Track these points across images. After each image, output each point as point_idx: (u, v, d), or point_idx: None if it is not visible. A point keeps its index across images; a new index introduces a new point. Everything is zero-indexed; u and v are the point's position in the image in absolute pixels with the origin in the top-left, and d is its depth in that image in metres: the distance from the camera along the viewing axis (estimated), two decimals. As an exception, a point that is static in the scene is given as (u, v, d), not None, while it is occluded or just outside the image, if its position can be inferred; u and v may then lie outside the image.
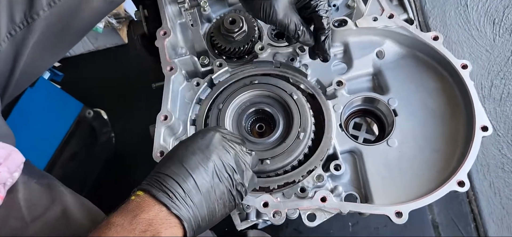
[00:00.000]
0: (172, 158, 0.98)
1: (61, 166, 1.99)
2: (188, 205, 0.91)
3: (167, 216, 0.88)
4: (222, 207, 0.98)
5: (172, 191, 0.90)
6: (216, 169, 0.97)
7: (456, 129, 1.25)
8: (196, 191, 0.93)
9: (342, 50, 1.40)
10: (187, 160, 0.95)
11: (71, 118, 1.95)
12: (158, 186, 0.91)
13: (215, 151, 0.98)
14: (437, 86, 1.32)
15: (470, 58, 2.26)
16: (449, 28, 2.34)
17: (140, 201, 0.89)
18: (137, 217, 0.85)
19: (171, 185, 0.91)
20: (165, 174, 0.93)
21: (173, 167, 0.94)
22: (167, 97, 1.26)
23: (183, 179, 0.92)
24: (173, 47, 1.38)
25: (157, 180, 0.92)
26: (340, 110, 1.31)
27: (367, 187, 1.22)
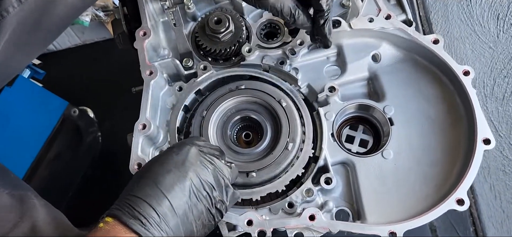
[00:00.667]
0: (145, 177, 0.90)
1: (46, 166, 1.93)
2: (163, 230, 0.84)
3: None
4: (200, 227, 0.92)
5: (145, 217, 0.83)
6: (193, 187, 0.90)
7: (456, 141, 1.17)
8: (172, 214, 0.86)
9: (336, 52, 1.30)
10: (161, 180, 0.88)
11: (55, 118, 1.87)
12: (130, 211, 0.84)
13: (191, 168, 0.92)
14: (436, 93, 1.23)
15: (473, 55, 2.18)
16: (451, 23, 2.25)
17: (109, 228, 0.82)
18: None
19: (144, 210, 0.84)
20: (138, 196, 0.86)
21: (147, 189, 0.87)
22: (146, 104, 1.17)
23: (158, 202, 0.85)
24: (154, 48, 1.29)
25: (128, 204, 0.85)
26: (332, 118, 1.22)
27: (360, 202, 1.14)
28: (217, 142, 1.20)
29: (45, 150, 1.89)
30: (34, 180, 1.86)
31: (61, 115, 1.89)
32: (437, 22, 2.34)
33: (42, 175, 1.91)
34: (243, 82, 1.26)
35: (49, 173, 1.91)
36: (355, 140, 1.26)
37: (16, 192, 1.12)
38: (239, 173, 1.14)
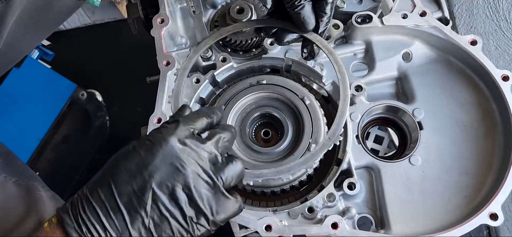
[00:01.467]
0: (104, 175, 0.72)
1: (52, 148, 1.89)
2: None
3: None
4: None
5: (88, 226, 0.68)
6: (156, 198, 0.70)
7: (491, 150, 1.10)
8: (122, 228, 0.69)
9: (364, 49, 1.23)
10: (119, 184, 0.70)
11: (62, 100, 1.82)
12: (74, 215, 0.70)
13: (159, 171, 0.70)
14: (471, 98, 1.15)
15: (496, 52, 2.11)
16: (475, 18, 2.17)
17: (50, 231, 0.71)
18: None
19: (90, 217, 0.69)
20: (89, 198, 0.70)
21: (100, 191, 0.70)
22: (162, 96, 1.11)
23: (109, 212, 0.69)
24: (172, 36, 1.22)
25: (77, 205, 0.71)
26: (357, 119, 1.15)
27: (384, 210, 1.08)
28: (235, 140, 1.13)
29: (52, 132, 1.85)
30: (40, 162, 1.82)
31: (69, 97, 1.84)
32: (460, 16, 2.25)
33: (49, 158, 1.87)
34: (264, 77, 1.18)
35: (55, 156, 1.87)
36: (371, 136, 1.19)
37: (23, 181, 1.08)
38: (258, 174, 1.08)
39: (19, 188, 1.06)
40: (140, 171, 0.71)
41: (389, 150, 1.38)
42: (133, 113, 2.04)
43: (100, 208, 0.69)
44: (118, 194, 0.70)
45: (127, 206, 0.70)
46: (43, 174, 1.82)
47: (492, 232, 2.20)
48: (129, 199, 0.70)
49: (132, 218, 0.69)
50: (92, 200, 0.70)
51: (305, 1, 0.94)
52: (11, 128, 1.72)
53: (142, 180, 0.70)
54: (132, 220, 0.69)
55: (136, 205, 0.70)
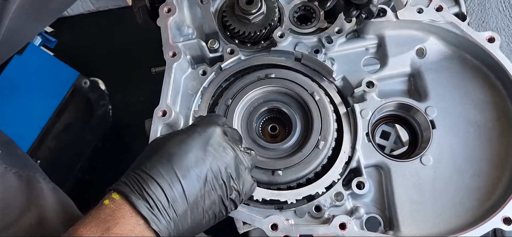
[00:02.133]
0: (160, 153, 0.81)
1: (54, 137, 1.86)
2: (170, 217, 0.77)
3: (144, 230, 0.75)
4: (211, 217, 0.85)
5: (154, 200, 0.76)
6: (210, 175, 0.82)
7: (505, 152, 1.06)
8: (182, 201, 0.78)
9: (376, 44, 1.19)
10: (178, 161, 0.80)
11: (65, 88, 1.79)
12: (139, 191, 0.76)
13: (212, 153, 0.83)
14: (486, 97, 1.11)
15: (508, 48, 2.06)
16: (487, 12, 2.11)
17: (115, 208, 0.75)
18: (109, 231, 0.72)
19: (154, 192, 0.76)
20: (149, 175, 0.78)
21: (160, 167, 0.79)
22: (167, 89, 1.07)
23: (170, 185, 0.78)
24: (178, 26, 1.18)
25: (138, 181, 0.77)
26: (368, 116, 1.12)
27: (393, 210, 1.05)
28: (241, 134, 1.10)
29: (54, 120, 1.82)
30: (42, 150, 1.80)
31: (71, 85, 1.80)
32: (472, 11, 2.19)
33: (50, 146, 1.84)
34: (273, 71, 1.15)
35: (57, 145, 1.84)
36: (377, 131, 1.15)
37: (24, 172, 1.05)
38: (264, 170, 1.06)
39: (20, 179, 1.04)
40: (199, 158, 0.82)
41: (396, 146, 1.35)
42: (136, 102, 2.01)
43: (163, 185, 0.77)
44: (181, 174, 0.79)
45: (187, 185, 0.79)
46: (45, 163, 1.80)
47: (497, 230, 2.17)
48: (190, 179, 0.79)
49: (191, 198, 0.79)
50: (154, 177, 0.77)
51: None
52: (12, 116, 1.69)
53: (201, 163, 0.81)
54: (190, 197, 0.79)
55: (196, 188, 0.80)
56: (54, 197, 1.04)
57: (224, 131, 0.88)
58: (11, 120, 1.68)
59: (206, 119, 0.90)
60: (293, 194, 1.03)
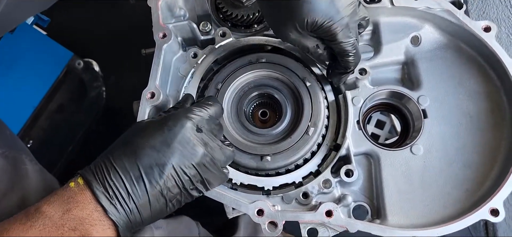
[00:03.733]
0: (129, 146, 0.83)
1: (47, 117, 1.84)
2: (130, 209, 0.79)
3: (101, 217, 0.78)
4: (174, 205, 0.86)
5: (114, 191, 0.79)
6: (173, 172, 0.83)
7: (497, 144, 1.05)
8: (143, 194, 0.81)
9: (371, 30, 1.17)
10: (142, 157, 0.81)
11: (58, 68, 1.76)
12: (101, 179, 0.79)
13: (179, 150, 0.83)
14: (480, 88, 1.10)
15: (507, 40, 2.04)
16: (488, 3, 2.09)
17: (78, 192, 0.79)
18: (69, 212, 0.77)
19: (115, 182, 0.79)
20: (114, 166, 0.80)
21: (125, 160, 0.81)
22: (156, 70, 1.06)
23: (132, 179, 0.80)
24: (170, 7, 1.16)
25: (102, 170, 0.80)
26: (359, 103, 1.10)
27: (381, 199, 1.04)
28: (231, 119, 1.09)
29: (47, 101, 1.80)
30: (34, 130, 1.79)
31: (64, 66, 1.78)
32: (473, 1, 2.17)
33: (43, 126, 1.83)
34: (265, 55, 1.13)
35: (49, 125, 1.83)
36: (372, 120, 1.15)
37: (10, 153, 1.04)
38: (253, 155, 1.05)
39: (6, 160, 1.03)
40: (162, 148, 0.82)
41: (390, 135, 1.34)
42: (130, 85, 1.98)
43: (125, 175, 0.79)
44: (142, 166, 0.80)
45: (149, 177, 0.80)
46: (37, 143, 1.79)
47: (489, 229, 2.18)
48: (152, 171, 0.80)
49: (152, 187, 0.80)
50: (117, 167, 0.79)
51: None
52: (4, 95, 1.67)
53: (164, 156, 0.82)
54: (152, 189, 0.81)
55: (157, 177, 0.81)
56: (40, 179, 1.03)
57: (197, 125, 0.87)
58: (3, 99, 1.67)
59: (178, 113, 0.88)
60: (270, 181, 1.02)
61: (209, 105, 0.92)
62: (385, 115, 1.31)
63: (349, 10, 0.91)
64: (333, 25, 0.90)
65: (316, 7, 0.88)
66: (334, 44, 0.95)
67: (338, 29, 0.91)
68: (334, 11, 0.89)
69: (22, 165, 1.01)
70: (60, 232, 0.75)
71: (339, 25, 0.91)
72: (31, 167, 1.02)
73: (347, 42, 0.94)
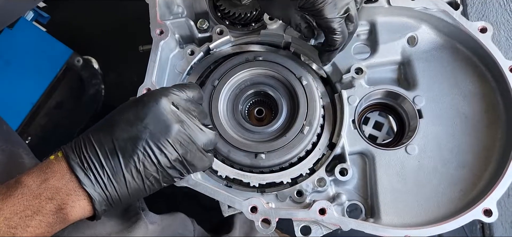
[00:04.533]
0: (106, 121, 0.84)
1: (45, 114, 1.85)
2: (105, 182, 0.80)
3: (76, 188, 0.80)
4: (152, 183, 0.85)
5: (89, 164, 0.80)
6: (147, 147, 0.82)
7: (491, 145, 1.05)
8: (116, 168, 0.81)
9: (367, 30, 1.17)
10: (117, 131, 0.82)
11: (57, 65, 1.77)
12: (78, 153, 0.80)
13: (152, 125, 0.83)
14: (475, 89, 1.10)
15: (506, 43, 2.05)
16: (488, 6, 2.09)
17: (56, 163, 0.80)
18: (47, 182, 0.79)
19: (91, 156, 0.80)
20: (91, 140, 0.81)
21: (102, 136, 0.82)
22: (153, 66, 1.07)
23: (107, 154, 0.81)
24: (168, 4, 1.17)
25: (80, 144, 0.81)
26: (355, 103, 1.11)
27: (375, 198, 1.05)
28: (227, 116, 1.09)
29: (46, 98, 1.81)
30: (32, 127, 1.79)
31: (64, 63, 1.79)
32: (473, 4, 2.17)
33: (41, 123, 1.84)
34: (262, 53, 1.14)
35: (48, 122, 1.83)
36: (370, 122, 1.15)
37: (7, 147, 1.04)
38: (247, 153, 1.05)
39: (3, 154, 1.03)
40: (136, 122, 0.82)
41: (388, 137, 1.34)
42: (129, 82, 1.99)
43: (99, 148, 0.80)
44: (116, 139, 0.81)
45: (122, 151, 0.81)
46: (35, 139, 1.80)
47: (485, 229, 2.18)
48: (125, 145, 0.81)
49: (126, 161, 0.81)
50: (93, 140, 0.81)
51: None
52: (3, 91, 1.68)
53: (136, 130, 0.82)
54: (126, 163, 0.81)
55: (130, 151, 0.81)
56: None
57: (172, 101, 0.86)
58: (1, 95, 1.68)
59: (155, 90, 0.89)
60: (257, 178, 1.03)
61: (187, 87, 0.92)
62: (383, 116, 1.32)
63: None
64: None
65: None
66: (320, 19, 0.97)
67: (324, 4, 0.94)
68: None
69: (19, 159, 1.02)
70: (37, 201, 0.76)
71: (326, 1, 0.93)
72: (28, 161, 1.03)
73: (333, 19, 0.96)
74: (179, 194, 1.84)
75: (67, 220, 0.80)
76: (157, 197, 1.74)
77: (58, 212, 0.78)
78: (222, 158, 1.06)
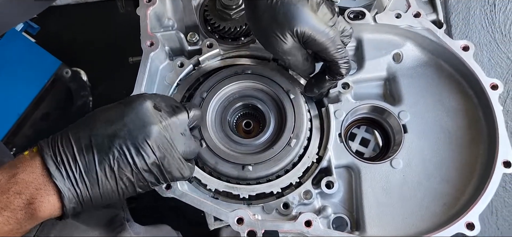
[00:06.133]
0: (87, 118, 0.83)
1: (31, 125, 1.84)
2: (76, 178, 0.77)
3: (47, 182, 0.77)
4: (126, 186, 0.82)
5: (62, 158, 0.77)
6: (124, 146, 0.79)
7: (474, 160, 1.08)
8: (91, 166, 0.78)
9: (354, 46, 1.20)
10: (96, 128, 0.80)
11: (45, 76, 1.77)
12: (53, 146, 0.78)
13: (131, 124, 0.81)
14: (458, 105, 1.13)
15: (489, 63, 2.12)
16: (471, 27, 2.17)
17: (29, 159, 0.78)
18: (16, 176, 0.76)
19: (65, 150, 0.78)
20: (68, 135, 0.80)
21: (80, 130, 0.80)
22: (142, 77, 1.07)
23: (82, 149, 0.78)
24: (159, 17, 1.18)
25: (56, 139, 0.80)
26: (342, 117, 1.12)
27: (361, 211, 1.05)
28: (215, 128, 1.10)
29: (33, 109, 1.80)
30: (18, 138, 1.78)
31: (52, 74, 1.78)
32: (457, 25, 2.25)
33: (27, 134, 1.82)
34: (250, 66, 1.15)
35: (34, 133, 1.82)
36: (356, 138, 1.18)
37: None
38: (234, 164, 1.05)
39: None
40: (116, 120, 0.81)
41: (374, 153, 1.36)
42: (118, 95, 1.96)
43: (75, 143, 0.78)
44: (93, 136, 0.79)
45: (98, 147, 0.78)
46: (20, 151, 1.76)
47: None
48: (102, 141, 0.79)
49: (100, 158, 0.78)
50: (70, 135, 0.79)
51: None
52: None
53: (115, 127, 0.80)
54: (100, 160, 0.78)
55: (106, 148, 0.79)
56: None
57: (155, 103, 0.85)
58: (-12, 104, 1.66)
59: (142, 94, 0.89)
60: (246, 189, 1.03)
61: (175, 102, 0.92)
62: (370, 133, 1.34)
63: (331, 22, 0.95)
64: (322, 38, 0.94)
65: (303, 19, 0.92)
66: (326, 54, 0.98)
67: (328, 42, 0.95)
68: (320, 23, 0.93)
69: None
70: (6, 196, 0.74)
71: (327, 38, 0.95)
72: None
73: (339, 53, 0.98)
74: (165, 208, 1.82)
75: (36, 216, 0.77)
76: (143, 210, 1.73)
77: (27, 208, 0.75)
78: (209, 170, 1.06)
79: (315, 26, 0.93)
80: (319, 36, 0.94)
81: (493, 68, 2.08)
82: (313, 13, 0.92)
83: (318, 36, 0.94)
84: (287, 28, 0.93)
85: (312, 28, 0.93)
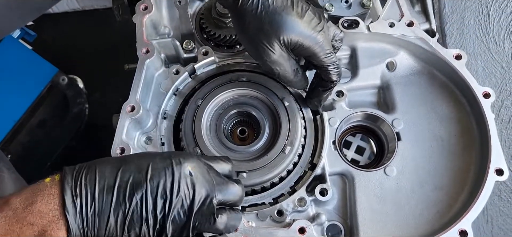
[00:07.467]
0: (121, 159, 0.80)
1: (28, 132, 1.84)
2: (88, 218, 0.73)
3: (59, 215, 0.72)
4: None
5: (82, 192, 0.73)
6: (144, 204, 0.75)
7: (466, 167, 1.08)
8: (106, 209, 0.74)
9: (348, 55, 1.21)
10: (124, 171, 0.76)
11: (42, 83, 1.77)
12: (76, 178, 0.74)
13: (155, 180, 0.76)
14: (451, 113, 1.14)
15: (483, 73, 2.13)
16: (466, 37, 2.18)
17: (49, 186, 0.74)
18: (33, 205, 0.72)
19: (87, 185, 0.74)
20: (95, 170, 0.75)
21: (109, 167, 0.76)
22: (137, 84, 1.08)
23: (104, 189, 0.74)
24: (155, 25, 1.19)
25: (82, 170, 0.75)
26: (336, 125, 1.13)
27: (355, 219, 1.06)
28: (209, 134, 1.10)
29: (29, 115, 1.80)
30: (13, 145, 1.77)
31: (49, 81, 1.79)
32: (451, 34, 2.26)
33: (23, 141, 1.82)
34: (245, 74, 1.16)
35: (29, 140, 1.82)
36: (352, 146, 1.19)
37: None
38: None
39: None
40: (145, 170, 0.77)
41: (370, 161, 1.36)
42: (114, 102, 1.98)
43: (99, 181, 0.74)
44: (120, 179, 0.75)
45: (119, 191, 0.75)
46: (16, 158, 1.77)
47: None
48: (125, 187, 0.75)
49: (117, 204, 0.74)
50: (97, 171, 0.75)
51: None
52: (-16, 107, 1.67)
53: (141, 177, 0.76)
54: (116, 206, 0.74)
55: (126, 194, 0.75)
56: (15, 186, 1.02)
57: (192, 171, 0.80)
58: (-17, 111, 1.66)
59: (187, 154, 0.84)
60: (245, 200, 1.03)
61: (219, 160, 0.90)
62: (365, 141, 1.35)
63: (319, 27, 0.95)
64: (310, 43, 0.94)
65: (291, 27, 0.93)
66: (316, 60, 0.98)
67: (316, 47, 0.95)
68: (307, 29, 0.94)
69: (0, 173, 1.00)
70: (19, 226, 0.71)
71: (315, 42, 0.95)
72: (8, 175, 1.02)
73: (329, 58, 0.98)
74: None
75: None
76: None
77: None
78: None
79: (302, 32, 0.94)
80: (307, 41, 0.94)
81: (488, 77, 2.10)
82: (299, 19, 0.93)
83: (305, 41, 0.94)
84: (274, 37, 0.93)
85: (299, 34, 0.94)
